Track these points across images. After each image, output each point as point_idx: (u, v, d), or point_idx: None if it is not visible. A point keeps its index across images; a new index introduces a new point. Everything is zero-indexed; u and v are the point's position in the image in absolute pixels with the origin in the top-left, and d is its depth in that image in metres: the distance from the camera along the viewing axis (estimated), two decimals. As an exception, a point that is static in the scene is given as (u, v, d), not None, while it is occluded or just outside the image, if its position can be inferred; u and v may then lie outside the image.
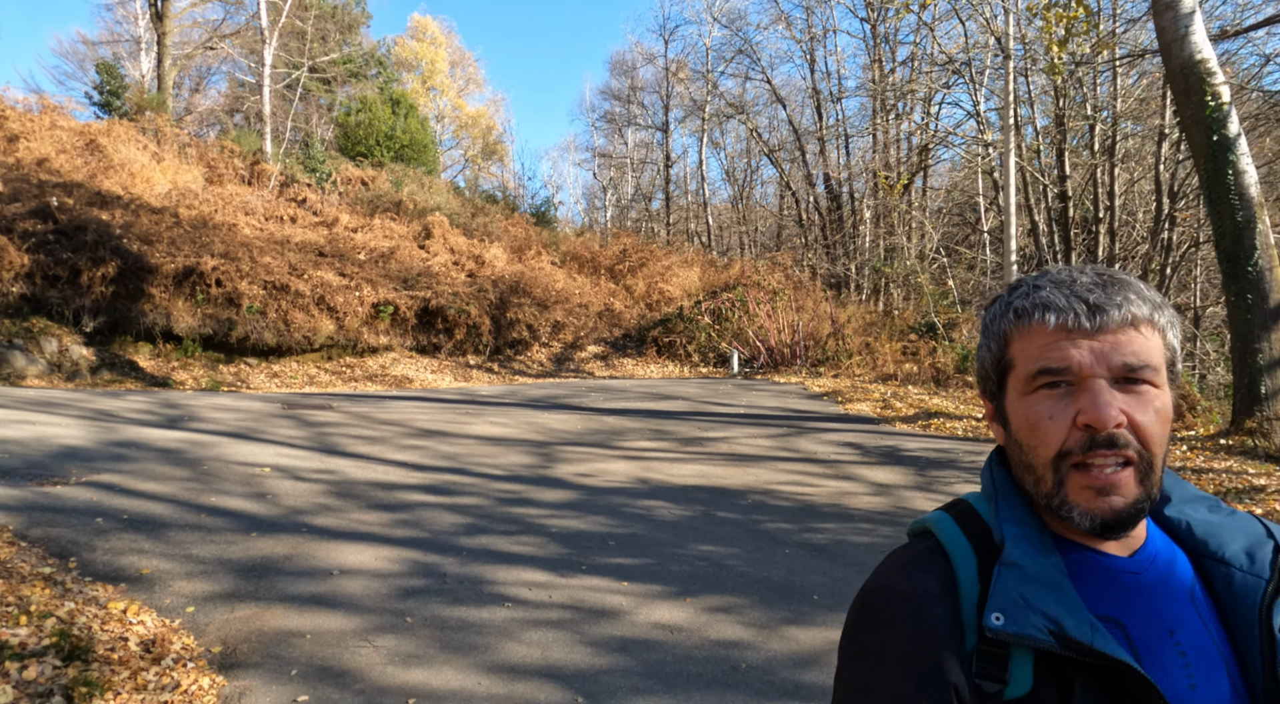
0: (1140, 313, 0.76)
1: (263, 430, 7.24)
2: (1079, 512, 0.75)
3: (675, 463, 6.95)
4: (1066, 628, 0.71)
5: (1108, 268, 0.78)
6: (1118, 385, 0.75)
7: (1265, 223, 7.34)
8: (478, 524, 5.18)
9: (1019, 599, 0.72)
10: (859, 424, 8.71)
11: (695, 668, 3.45)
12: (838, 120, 30.28)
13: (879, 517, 5.54)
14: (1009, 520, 0.78)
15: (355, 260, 14.06)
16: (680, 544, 4.92)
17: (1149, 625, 0.76)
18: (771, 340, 14.59)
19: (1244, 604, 0.79)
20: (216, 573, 4.24)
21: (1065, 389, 0.75)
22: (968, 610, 0.75)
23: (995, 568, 0.75)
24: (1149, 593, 0.78)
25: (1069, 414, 0.74)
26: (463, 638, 3.68)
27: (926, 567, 0.78)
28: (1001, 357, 0.81)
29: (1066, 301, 0.76)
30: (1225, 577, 0.80)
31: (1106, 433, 0.73)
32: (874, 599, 0.78)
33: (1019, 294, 0.80)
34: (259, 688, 3.25)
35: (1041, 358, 0.76)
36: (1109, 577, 0.78)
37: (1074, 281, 0.77)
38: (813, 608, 4.04)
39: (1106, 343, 0.75)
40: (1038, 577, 0.74)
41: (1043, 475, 0.76)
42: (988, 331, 0.83)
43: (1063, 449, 0.74)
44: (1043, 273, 0.81)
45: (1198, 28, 7.39)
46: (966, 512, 0.83)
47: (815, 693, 3.27)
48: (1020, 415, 0.78)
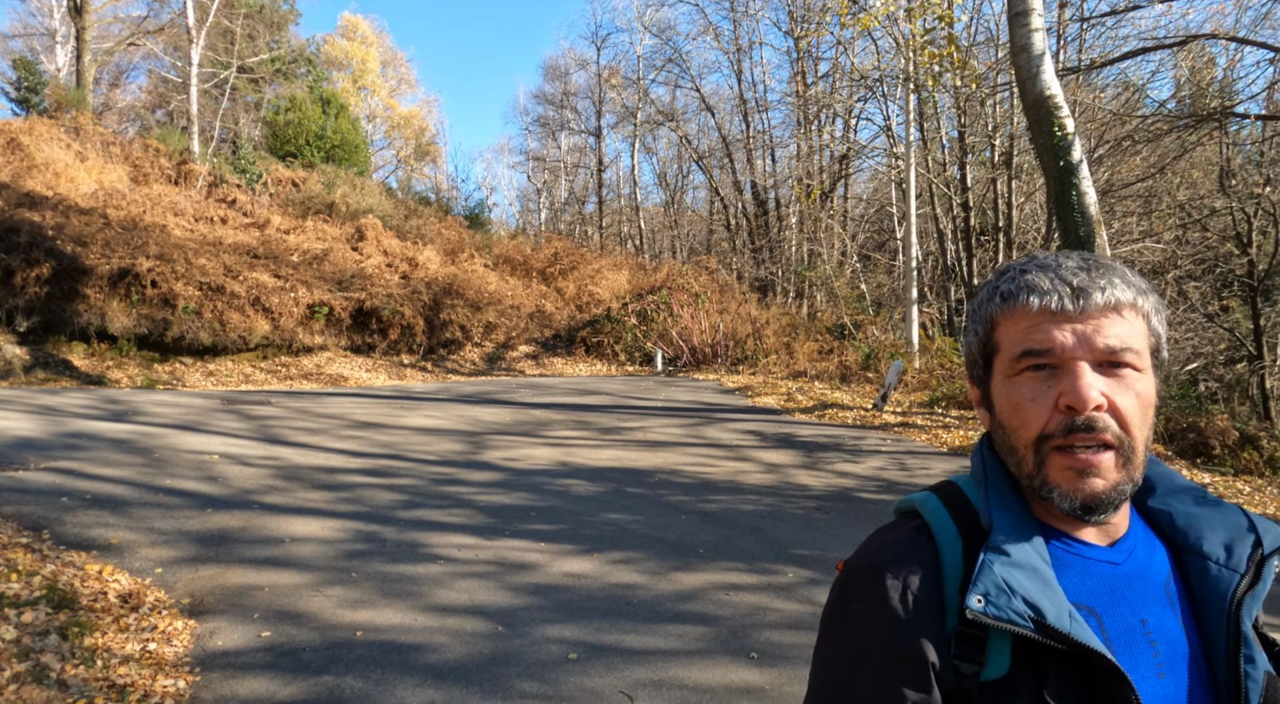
0: (1124, 297, 0.77)
1: (207, 423, 7.70)
2: (1059, 493, 0.76)
3: (594, 449, 7.71)
4: (1046, 615, 0.72)
5: (1093, 254, 0.80)
6: (1100, 368, 0.75)
7: (1103, 237, 8.53)
8: (413, 500, 5.83)
9: (1002, 584, 0.73)
10: (763, 414, 9.65)
11: (596, 604, 4.21)
12: (764, 129, 31.48)
13: (765, 489, 6.42)
14: (998, 506, 0.79)
15: (289, 262, 14.38)
16: (592, 513, 5.68)
17: (1124, 615, 0.77)
18: (694, 340, 15.48)
19: (1215, 598, 0.80)
20: (179, 541, 4.80)
21: (1048, 372, 0.76)
22: (950, 592, 0.76)
23: (981, 552, 0.76)
24: (1126, 583, 0.79)
25: (1051, 396, 0.75)
26: (401, 587, 4.35)
27: (911, 547, 0.79)
28: (988, 340, 0.82)
29: (1051, 284, 0.77)
30: (1201, 569, 0.81)
31: (1085, 416, 0.74)
32: (858, 576, 0.79)
33: (1005, 278, 0.81)
34: (227, 627, 3.87)
35: (1025, 340, 0.77)
36: (1089, 566, 0.79)
37: (1059, 266, 0.78)
38: (698, 559, 4.85)
39: (1089, 326, 0.75)
40: (1021, 563, 0.75)
41: (1024, 456, 0.77)
42: (975, 317, 0.84)
43: (1044, 431, 0.75)
44: (1029, 258, 0.82)
45: (1047, 67, 8.53)
46: (954, 494, 0.84)
47: (690, 618, 4.07)
48: (1004, 397, 0.79)
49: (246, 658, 3.59)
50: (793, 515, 5.77)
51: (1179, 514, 0.84)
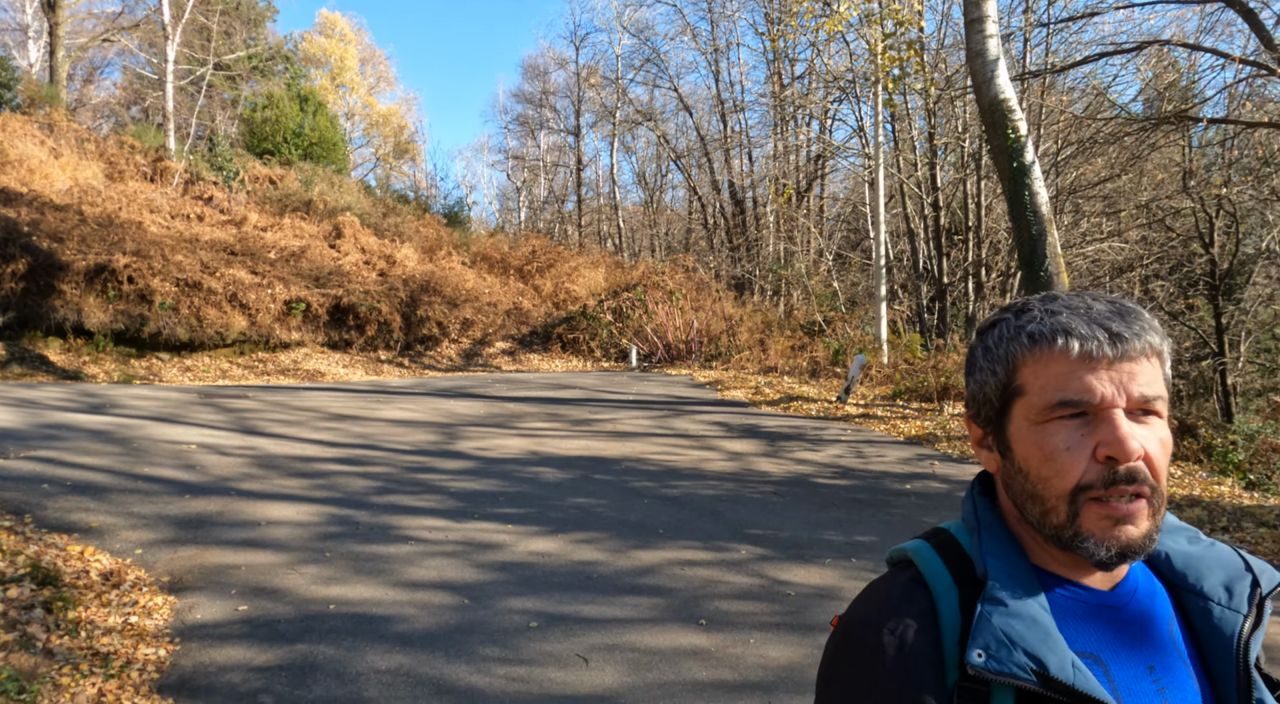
0: (1154, 343, 0.75)
1: (184, 415, 7.85)
2: (1094, 542, 0.73)
3: (564, 439, 7.96)
4: (1049, 667, 0.70)
5: (1116, 296, 0.79)
6: (1131, 416, 0.74)
7: (1054, 236, 8.89)
8: (386, 486, 6.05)
9: (1002, 636, 0.72)
10: (730, 407, 9.94)
11: (558, 579, 4.46)
12: (741, 129, 31.81)
13: (727, 476, 6.69)
14: (992, 553, 0.78)
15: (266, 259, 14.48)
16: (559, 498, 5.93)
17: (1129, 661, 0.76)
18: (669, 336, 15.75)
19: (1222, 639, 0.79)
20: (158, 525, 4.99)
21: (1082, 420, 0.74)
22: (949, 645, 0.75)
23: (978, 603, 0.74)
24: (1129, 627, 0.78)
25: (1088, 445, 0.73)
26: (373, 565, 4.58)
27: (907, 599, 0.77)
28: (1010, 382, 0.78)
29: (1089, 328, 0.74)
30: (1204, 611, 0.80)
31: (1128, 466, 0.72)
32: (854, 631, 0.77)
33: (1031, 318, 0.78)
34: (205, 602, 4.07)
35: (1063, 388, 0.74)
36: (1090, 611, 0.77)
37: (1090, 308, 0.76)
38: (658, 538, 5.11)
39: (1124, 373, 0.73)
40: (1020, 613, 0.73)
41: (1055, 507, 0.74)
42: (991, 355, 0.80)
43: (1082, 482, 0.73)
44: (1049, 297, 0.80)
45: (1001, 72, 8.88)
46: (948, 542, 0.82)
47: (646, 590, 4.33)
48: (1032, 445, 0.76)
49: (224, 629, 3.80)
50: (750, 499, 6.05)
51: (1176, 555, 0.83)
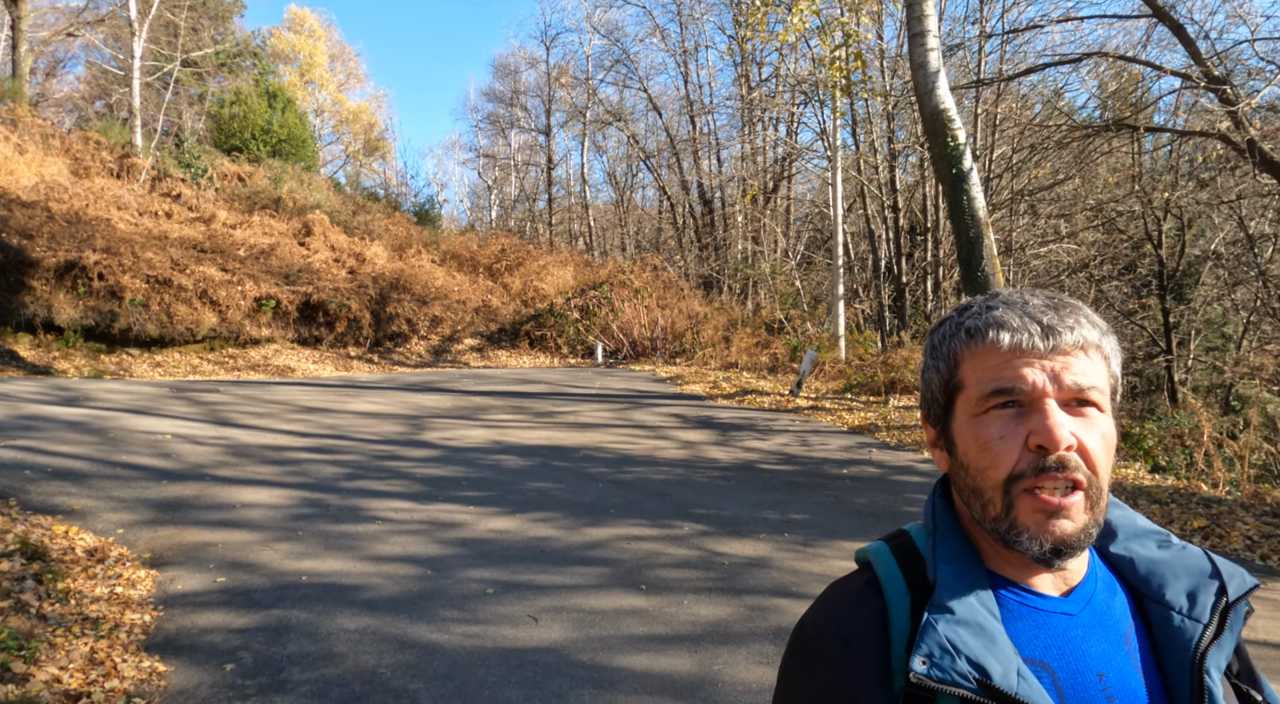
0: (1090, 337, 0.76)
1: (158, 408, 8.11)
2: (1028, 536, 0.74)
3: (527, 430, 8.34)
4: (992, 676, 0.71)
5: (1057, 293, 0.80)
6: (1066, 408, 0.75)
7: (990, 239, 9.45)
8: (355, 473, 6.39)
9: (945, 644, 0.72)
10: (688, 400, 10.39)
11: (514, 553, 4.85)
12: (709, 130, 32.28)
13: (678, 462, 7.13)
14: (944, 558, 0.78)
15: (235, 256, 14.65)
16: (519, 482, 6.32)
17: (1079, 669, 0.75)
18: (635, 333, 16.18)
19: (1179, 650, 0.78)
20: (137, 507, 5.30)
21: (1016, 410, 0.75)
22: (897, 650, 0.75)
23: (925, 610, 0.75)
24: (1081, 634, 0.77)
25: (1020, 435, 0.74)
26: (343, 542, 4.94)
27: (861, 603, 0.78)
28: (951, 377, 0.80)
29: (1020, 321, 0.76)
30: (1164, 619, 0.79)
31: (1058, 455, 0.73)
32: (808, 634, 0.79)
33: (970, 315, 0.80)
34: (185, 575, 4.41)
35: (995, 378, 0.76)
36: (1042, 618, 0.77)
37: (1026, 303, 0.78)
38: (608, 517, 5.53)
39: (1058, 364, 0.75)
40: (967, 620, 0.74)
41: (992, 498, 0.75)
42: (935, 353, 0.82)
43: (1014, 471, 0.74)
44: (992, 295, 0.82)
45: (942, 83, 9.42)
46: (906, 546, 0.83)
47: (594, 561, 4.74)
48: (970, 437, 0.77)
49: (204, 598, 4.15)
50: (698, 483, 6.50)
51: (1141, 560, 0.82)
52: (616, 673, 3.47)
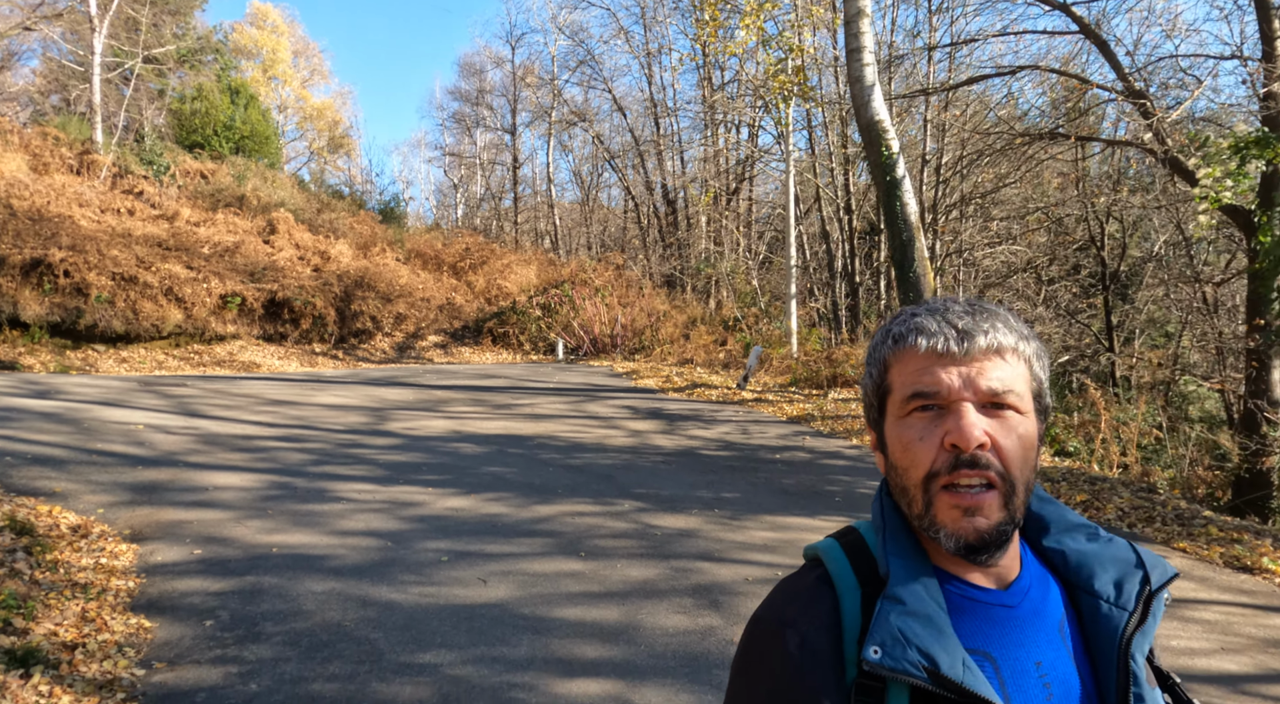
0: (1005, 341, 0.80)
1: (129, 400, 8.43)
2: (945, 532, 0.78)
3: (485, 420, 8.81)
4: (940, 665, 0.74)
5: (979, 299, 0.84)
6: (984, 410, 0.78)
7: (921, 241, 10.12)
8: (321, 459, 6.82)
9: (897, 634, 0.75)
10: (641, 393, 10.94)
11: (468, 527, 5.34)
12: (673, 131, 32.84)
13: (625, 449, 7.67)
14: (894, 553, 0.81)
15: (200, 254, 14.86)
16: (475, 467, 6.81)
17: (1018, 658, 0.79)
18: (595, 330, 16.67)
19: (1107, 637, 0.82)
20: (115, 490, 5.69)
21: (936, 412, 0.79)
22: (849, 643, 0.78)
23: (878, 602, 0.78)
24: (1020, 625, 0.81)
25: (938, 435, 0.78)
26: (310, 519, 5.39)
27: (813, 598, 0.81)
28: (881, 382, 0.84)
29: (938, 327, 0.80)
30: (1093, 608, 0.84)
31: (970, 453, 0.76)
32: (761, 626, 0.82)
33: (897, 322, 0.84)
34: (164, 548, 4.83)
35: (915, 382, 0.80)
36: (984, 610, 0.81)
37: (946, 309, 0.82)
38: (557, 497, 6.05)
39: (973, 368, 0.78)
40: (917, 611, 0.77)
41: (915, 496, 0.80)
42: (870, 359, 0.86)
43: (932, 469, 0.78)
44: (919, 302, 0.87)
45: (877, 96, 10.06)
46: (856, 542, 0.85)
47: (540, 533, 5.25)
48: (895, 438, 0.81)
49: (183, 567, 4.58)
50: (642, 467, 7.04)
51: (1071, 553, 0.86)
52: (553, 622, 4.00)
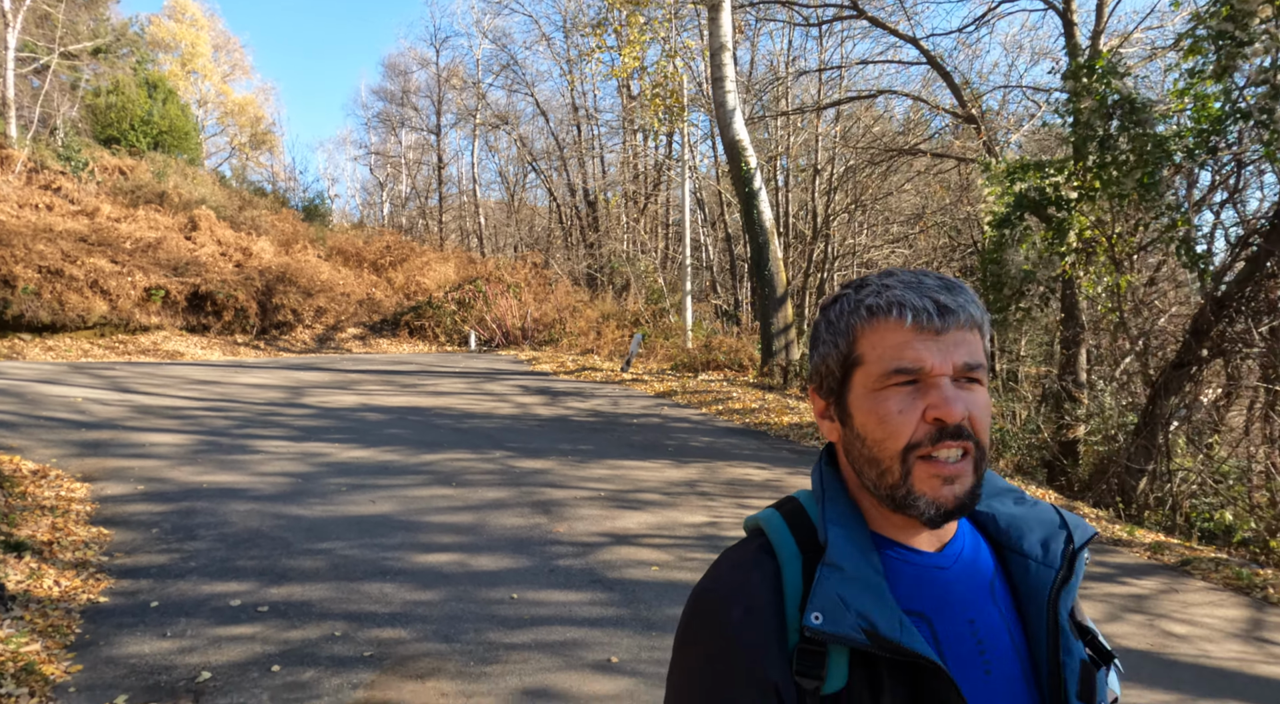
0: (976, 316, 0.83)
1: (65, 380, 9.40)
2: (925, 501, 0.80)
3: (391, 396, 10.08)
4: (879, 627, 0.77)
5: (944, 274, 0.85)
6: (956, 383, 0.81)
7: (775, 244, 11.82)
8: (243, 424, 8.02)
9: (837, 599, 0.78)
10: (535, 375, 12.34)
11: (365, 469, 6.67)
12: (594, 136, 34.22)
13: (509, 417, 9.08)
14: (833, 521, 0.84)
15: (123, 249, 15.56)
16: (377, 429, 8.11)
17: (952, 617, 0.83)
18: (508, 324, 17.97)
19: (1036, 593, 0.87)
20: (64, 445, 6.80)
21: (913, 386, 0.80)
22: (791, 610, 0.80)
23: (818, 568, 0.81)
24: (954, 586, 0.85)
25: (918, 409, 0.80)
26: (234, 465, 6.62)
27: (755, 567, 0.83)
28: (850, 353, 0.84)
29: (920, 301, 0.81)
30: (1023, 567, 0.88)
31: (954, 425, 0.79)
32: (705, 598, 0.83)
33: (869, 292, 0.84)
34: (112, 485, 6.01)
35: (898, 357, 0.80)
36: (920, 572, 0.84)
37: (921, 283, 0.83)
38: (442, 449, 7.41)
39: (949, 342, 0.81)
40: (856, 577, 0.80)
41: (890, 467, 0.81)
42: (833, 328, 0.86)
43: (911, 441, 0.80)
44: (886, 272, 0.86)
45: (738, 119, 11.71)
46: (796, 511, 0.88)
47: (423, 472, 6.61)
48: (869, 410, 0.82)
49: (129, 497, 5.79)
50: (519, 429, 8.46)
51: (1001, 516, 0.91)
52: (422, 524, 5.39)
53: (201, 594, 4.24)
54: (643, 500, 6.10)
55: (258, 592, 4.28)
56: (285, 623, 3.94)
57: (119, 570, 4.56)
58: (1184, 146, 7.29)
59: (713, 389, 10.90)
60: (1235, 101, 7.10)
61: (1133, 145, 7.06)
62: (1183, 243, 7.06)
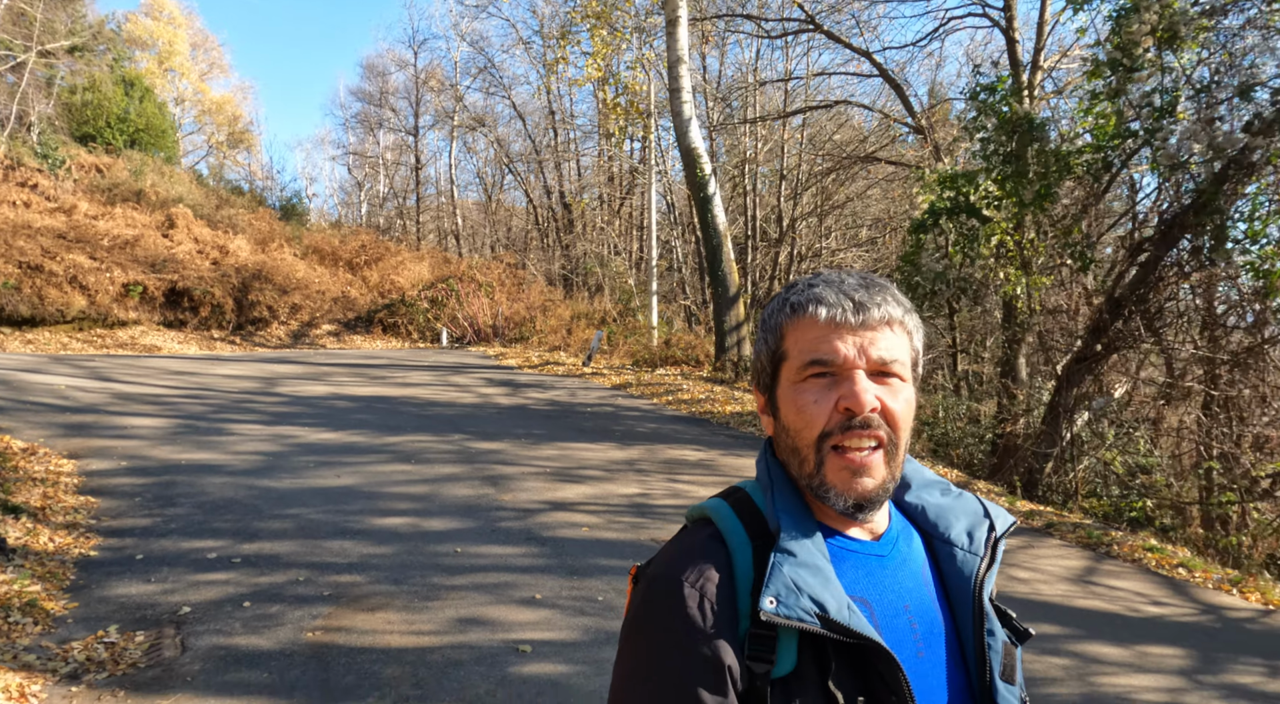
0: (895, 314, 0.87)
1: (47, 369, 9.88)
2: (835, 493, 0.85)
3: (361, 387, 10.65)
4: (829, 611, 0.80)
5: (870, 274, 0.90)
6: (874, 377, 0.85)
7: (728, 245, 12.52)
8: (219, 410, 8.56)
9: (791, 584, 0.81)
10: (501, 369, 12.95)
11: (333, 449, 7.25)
12: (570, 139, 34.79)
13: (470, 405, 9.69)
14: (783, 510, 0.88)
15: (101, 246, 15.97)
16: (345, 415, 8.69)
17: (890, 602, 0.88)
18: (479, 321, 18.54)
19: (962, 578, 0.93)
20: (51, 427, 7.33)
21: (830, 378, 0.85)
22: (742, 596, 0.83)
23: (771, 555, 0.84)
24: (890, 573, 0.90)
25: (831, 399, 0.85)
26: (210, 445, 7.18)
27: (706, 555, 0.86)
28: (777, 348, 0.90)
29: (836, 298, 0.86)
30: (950, 555, 0.94)
31: (863, 416, 0.83)
32: (658, 585, 0.85)
33: (795, 292, 0.90)
34: (97, 461, 6.56)
35: (813, 350, 0.86)
36: (860, 560, 0.89)
37: (842, 282, 0.88)
38: (405, 432, 8.01)
39: (866, 338, 0.85)
40: (806, 563, 0.83)
41: (806, 456, 0.86)
42: (766, 326, 0.92)
43: (825, 430, 0.85)
44: (815, 274, 0.91)
45: (694, 128, 12.39)
46: (743, 500, 0.91)
47: (385, 452, 7.21)
48: (790, 401, 0.87)
49: (114, 471, 6.34)
50: (479, 416, 9.07)
51: (930, 507, 0.96)
52: (382, 494, 6.00)
53: (181, 549, 4.83)
54: (584, 476, 6.74)
55: (231, 547, 4.87)
56: (255, 571, 4.54)
57: (106, 531, 5.13)
58: (1083, 161, 8.06)
59: (666, 382, 11.57)
60: (1127, 121, 7.88)
61: (1035, 160, 7.81)
62: (1076, 249, 7.82)
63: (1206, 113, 7.46)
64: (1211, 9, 7.57)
